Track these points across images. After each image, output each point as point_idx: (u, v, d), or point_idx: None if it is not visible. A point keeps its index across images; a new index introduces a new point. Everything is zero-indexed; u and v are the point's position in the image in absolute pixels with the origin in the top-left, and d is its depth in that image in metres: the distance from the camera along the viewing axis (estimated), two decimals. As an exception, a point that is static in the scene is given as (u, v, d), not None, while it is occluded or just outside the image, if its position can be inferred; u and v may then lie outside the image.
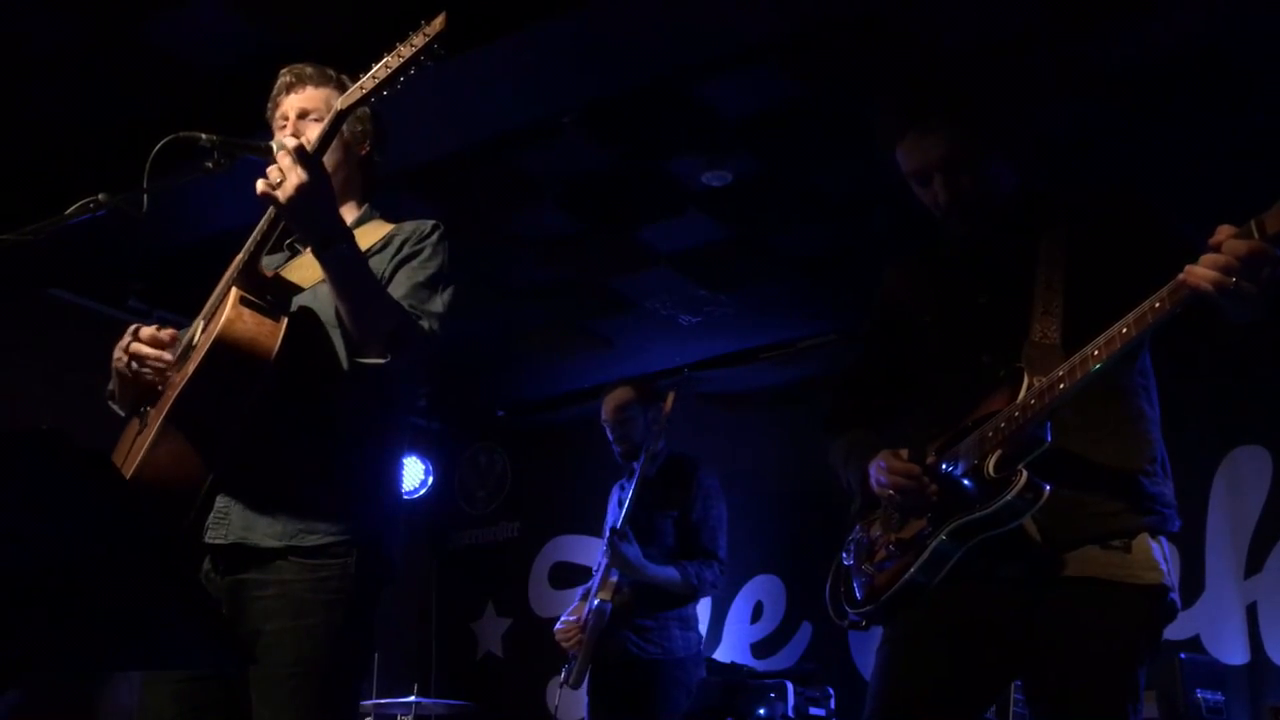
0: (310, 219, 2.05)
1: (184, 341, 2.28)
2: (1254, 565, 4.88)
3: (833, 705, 5.17)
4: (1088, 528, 2.10)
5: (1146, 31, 3.82)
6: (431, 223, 2.39)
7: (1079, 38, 3.89)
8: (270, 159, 2.23)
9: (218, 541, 2.16)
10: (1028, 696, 2.22)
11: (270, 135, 2.37)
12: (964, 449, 2.16)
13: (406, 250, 2.33)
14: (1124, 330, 1.92)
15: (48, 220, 2.06)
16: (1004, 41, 3.92)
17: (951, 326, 2.34)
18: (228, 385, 2.08)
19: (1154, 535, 2.14)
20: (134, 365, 2.22)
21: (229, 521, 2.17)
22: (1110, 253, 2.18)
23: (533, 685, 6.63)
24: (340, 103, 2.07)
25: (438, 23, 1.96)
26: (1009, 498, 2.01)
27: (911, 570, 2.17)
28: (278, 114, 2.42)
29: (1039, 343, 2.13)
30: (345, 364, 2.20)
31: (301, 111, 2.38)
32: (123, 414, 2.34)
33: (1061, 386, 2.01)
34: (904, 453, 2.26)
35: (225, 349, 2.06)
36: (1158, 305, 1.87)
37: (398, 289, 2.26)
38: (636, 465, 4.37)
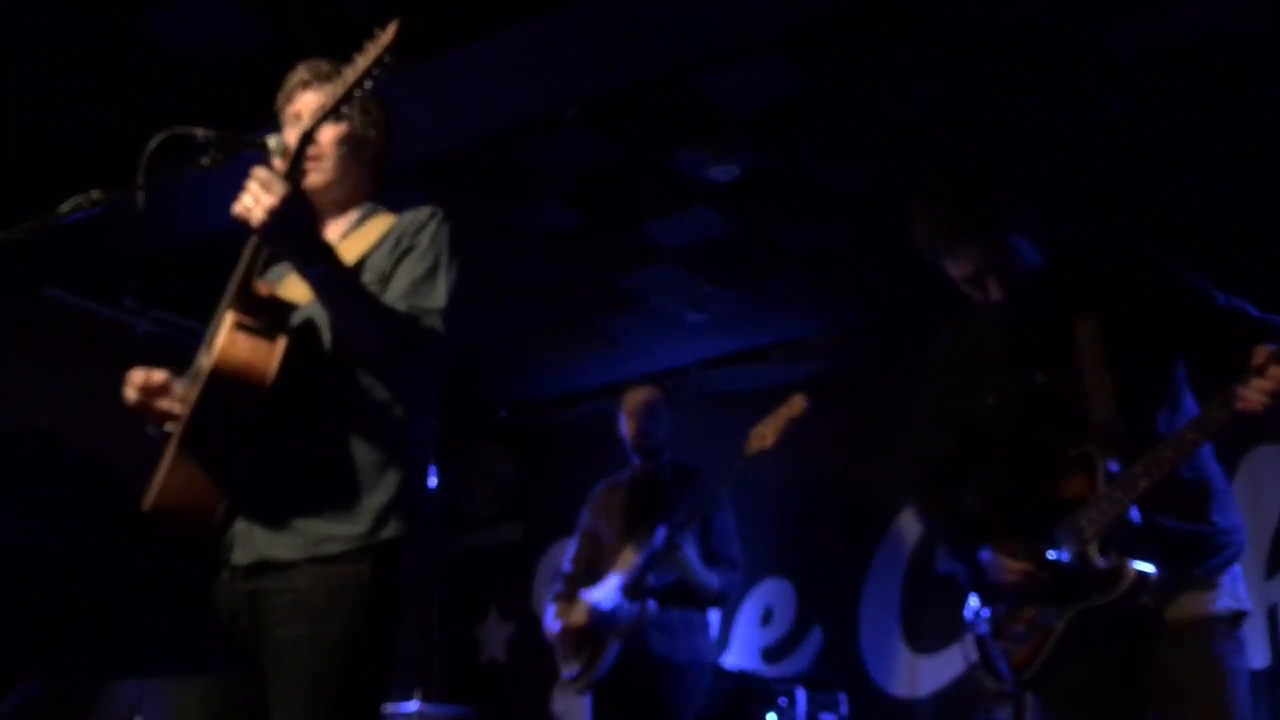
0: (286, 241, 2.06)
1: (195, 365, 2.30)
2: (1275, 566, 4.82)
3: (844, 711, 5.12)
4: (1181, 581, 2.43)
5: (1156, 23, 3.77)
6: (429, 210, 2.38)
7: (1094, 27, 3.83)
8: (267, 155, 2.21)
9: (242, 562, 2.18)
10: None
11: (273, 128, 2.37)
12: (1061, 536, 2.49)
13: (405, 244, 2.32)
14: (1190, 436, 2.37)
15: (41, 218, 2.05)
16: (1015, 32, 3.87)
17: (1015, 406, 2.65)
18: (229, 412, 2.11)
19: (1231, 565, 2.48)
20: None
21: (252, 541, 2.18)
22: (1140, 323, 2.52)
23: (537, 691, 6.57)
24: (305, 121, 2.11)
25: (389, 33, 1.98)
26: (1124, 589, 2.36)
27: (1047, 650, 2.51)
28: (290, 110, 2.41)
29: (1101, 422, 2.48)
30: (349, 374, 2.20)
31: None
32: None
33: (1143, 484, 2.36)
34: (1012, 548, 2.56)
35: (222, 377, 2.09)
36: (1215, 415, 2.34)
37: (398, 286, 2.26)
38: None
